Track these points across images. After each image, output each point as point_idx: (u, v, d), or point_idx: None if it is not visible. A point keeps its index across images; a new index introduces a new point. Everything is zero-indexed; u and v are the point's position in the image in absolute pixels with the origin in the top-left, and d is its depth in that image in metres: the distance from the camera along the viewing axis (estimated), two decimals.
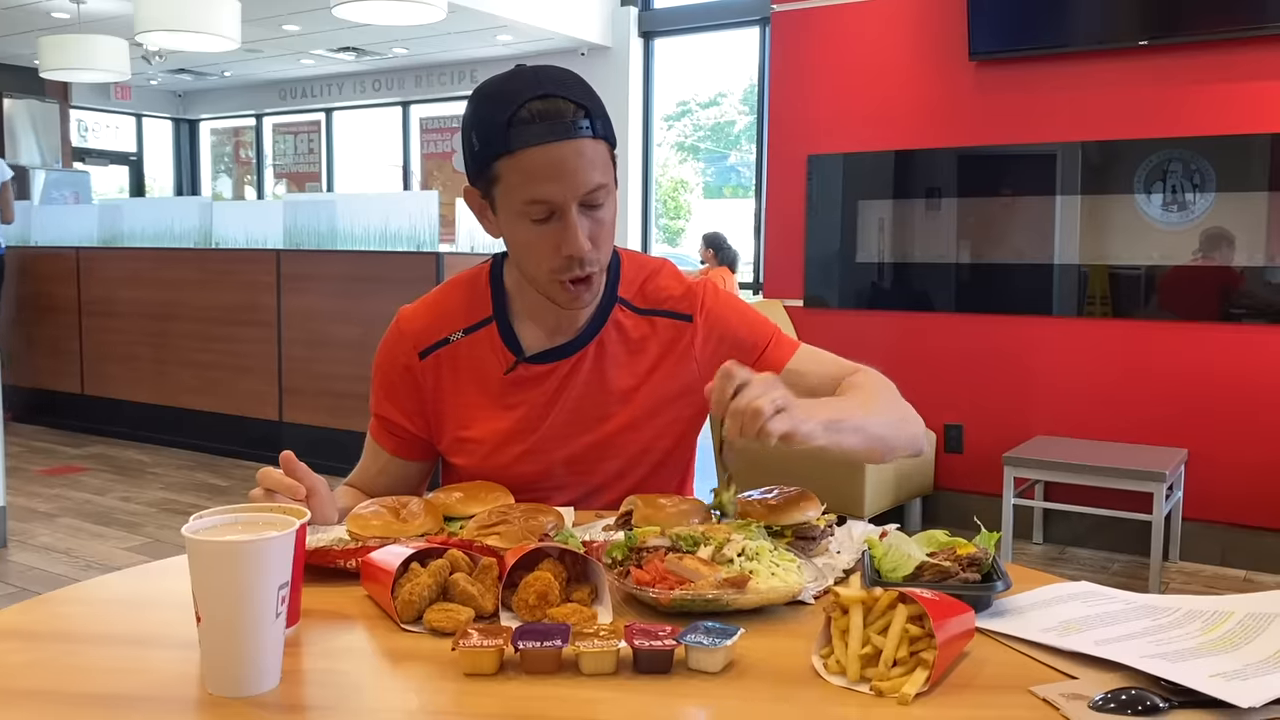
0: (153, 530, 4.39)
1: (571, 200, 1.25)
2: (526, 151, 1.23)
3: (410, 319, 1.45)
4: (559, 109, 1.24)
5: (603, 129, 1.28)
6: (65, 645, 0.97)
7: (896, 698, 0.83)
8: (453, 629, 0.94)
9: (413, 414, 1.44)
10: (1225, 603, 1.01)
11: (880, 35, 4.52)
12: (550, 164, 1.23)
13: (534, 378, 1.40)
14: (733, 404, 1.14)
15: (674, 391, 1.42)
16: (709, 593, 0.99)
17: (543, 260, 1.30)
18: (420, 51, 10.41)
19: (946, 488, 4.45)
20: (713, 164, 11.83)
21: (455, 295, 1.46)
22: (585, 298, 1.34)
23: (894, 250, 4.56)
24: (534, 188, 1.24)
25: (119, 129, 13.33)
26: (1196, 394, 3.98)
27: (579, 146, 1.24)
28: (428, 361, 1.42)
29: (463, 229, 5.51)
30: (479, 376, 1.41)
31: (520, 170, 1.24)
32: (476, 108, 1.29)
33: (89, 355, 6.54)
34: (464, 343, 1.42)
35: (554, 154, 1.23)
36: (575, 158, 1.24)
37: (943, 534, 1.11)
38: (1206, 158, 3.91)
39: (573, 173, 1.24)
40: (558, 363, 1.40)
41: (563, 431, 1.40)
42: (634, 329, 1.42)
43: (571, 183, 1.24)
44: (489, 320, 1.42)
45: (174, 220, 6.35)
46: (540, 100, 1.23)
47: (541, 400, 1.40)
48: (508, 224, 1.31)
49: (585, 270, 1.30)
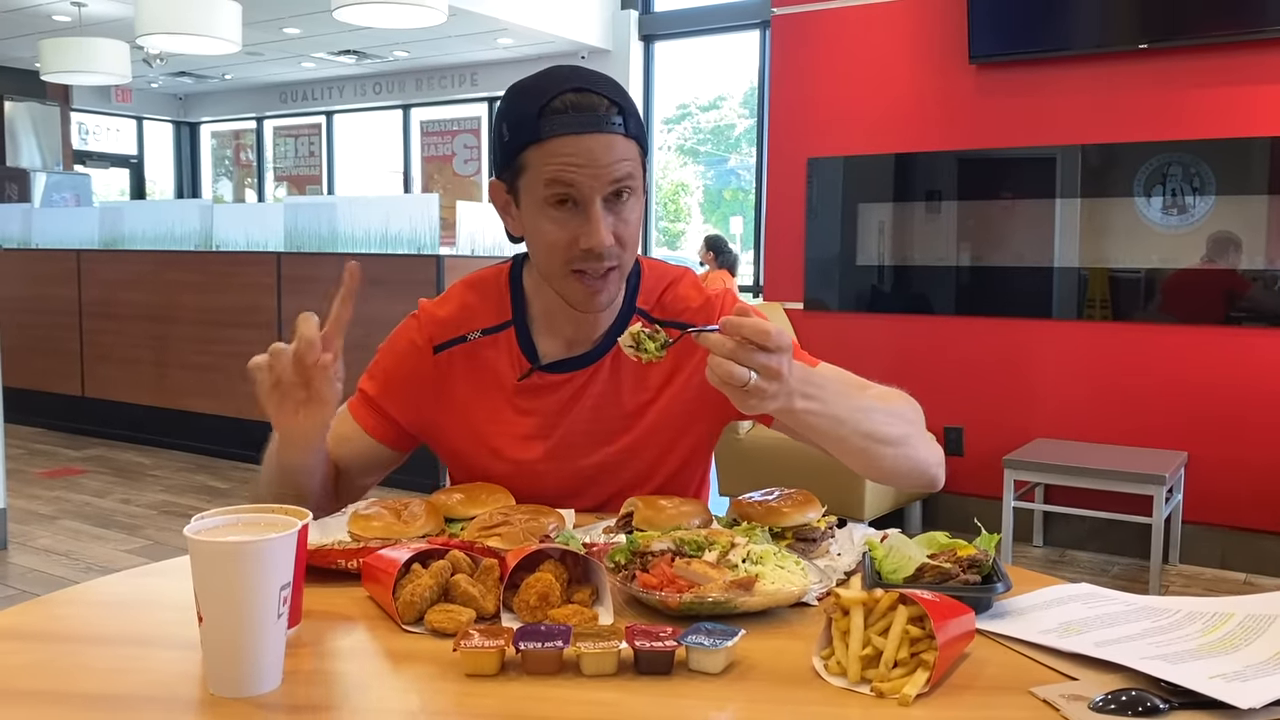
0: (152, 532, 4.39)
1: (596, 191, 1.23)
2: (555, 140, 1.22)
3: (431, 311, 1.42)
4: (591, 102, 1.23)
5: (635, 129, 1.26)
6: (65, 646, 0.97)
7: (897, 699, 0.83)
8: (454, 630, 0.95)
9: (408, 407, 1.41)
10: (1225, 604, 1.01)
11: (880, 38, 4.53)
12: (578, 152, 1.22)
13: (548, 386, 1.37)
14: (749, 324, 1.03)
15: (690, 404, 1.38)
16: (717, 595, 0.99)
17: (559, 253, 1.26)
18: (421, 55, 10.42)
19: (947, 490, 4.41)
20: (713, 167, 11.85)
21: (476, 294, 1.42)
22: (601, 299, 1.30)
23: (894, 253, 4.56)
24: (559, 174, 1.22)
25: (120, 132, 13.35)
26: (1196, 397, 3.98)
27: (609, 140, 1.23)
28: (441, 357, 1.39)
29: (463, 232, 5.52)
30: (492, 380, 1.38)
31: (547, 157, 1.23)
32: (509, 101, 1.28)
33: (89, 357, 6.54)
34: (481, 343, 1.39)
35: (583, 143, 1.22)
36: (604, 150, 1.22)
37: (943, 536, 1.12)
38: (1206, 161, 3.92)
39: (600, 163, 1.22)
40: (573, 373, 1.37)
41: (578, 442, 1.37)
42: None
43: (597, 172, 1.22)
44: (508, 324, 1.39)
45: (174, 223, 6.35)
46: (574, 93, 1.23)
47: (555, 410, 1.37)
48: (529, 217, 1.28)
49: (603, 265, 1.26)
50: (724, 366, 1.03)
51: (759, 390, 1.05)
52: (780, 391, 1.06)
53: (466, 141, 10.93)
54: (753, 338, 1.02)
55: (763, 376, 1.04)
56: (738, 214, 10.78)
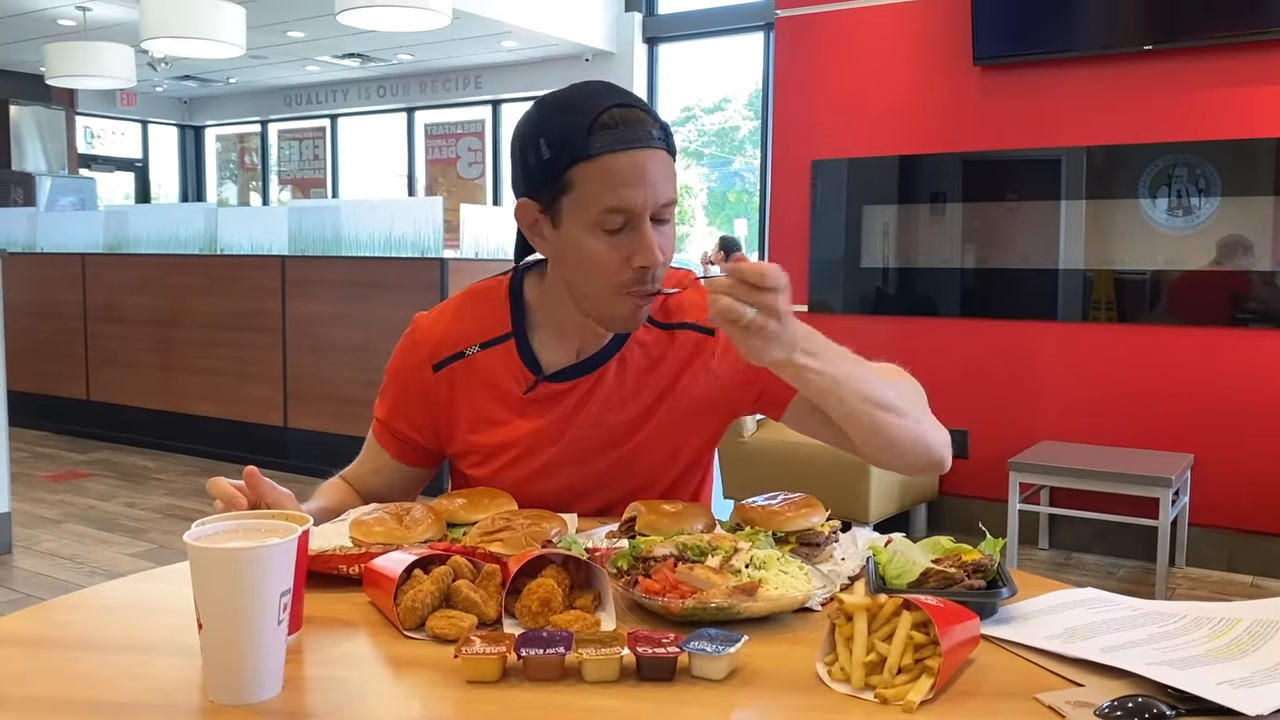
0: (157, 536, 4.40)
1: (649, 208, 1.23)
2: (610, 156, 1.21)
3: (427, 330, 1.43)
4: (640, 118, 1.23)
5: (672, 146, 1.27)
6: (67, 652, 0.97)
7: (901, 705, 0.83)
8: (455, 636, 0.94)
9: (421, 426, 1.43)
10: (1232, 609, 1.00)
11: (884, 40, 4.52)
12: (634, 167, 1.21)
13: (553, 395, 1.38)
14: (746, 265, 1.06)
15: (693, 406, 1.39)
16: (720, 600, 0.99)
17: (609, 273, 1.25)
18: (425, 58, 10.44)
19: (951, 493, 4.45)
20: (717, 169, 11.85)
21: (473, 307, 1.43)
22: (643, 314, 1.30)
23: (899, 255, 4.56)
24: (615, 193, 1.21)
25: (125, 135, 13.39)
26: (1202, 399, 3.97)
27: (658, 156, 1.23)
28: (441, 374, 1.40)
29: (467, 235, 5.52)
30: (496, 393, 1.39)
31: (600, 174, 1.21)
32: (547, 116, 1.26)
33: (94, 361, 6.55)
34: (480, 357, 1.39)
35: (638, 159, 1.21)
36: (655, 167, 1.23)
37: (948, 540, 1.11)
38: (1212, 162, 3.91)
39: (653, 181, 1.22)
40: (578, 380, 1.37)
41: (583, 447, 1.38)
42: (655, 345, 1.39)
43: (652, 190, 1.22)
44: (507, 337, 1.39)
45: (179, 226, 6.37)
46: (620, 109, 1.22)
47: (560, 416, 1.38)
48: (573, 236, 1.26)
49: (655, 285, 1.26)
50: (722, 302, 1.06)
51: (759, 329, 1.07)
52: (780, 334, 1.08)
53: (470, 145, 10.95)
54: (750, 278, 1.05)
55: (761, 313, 1.06)
56: (742, 216, 10.79)
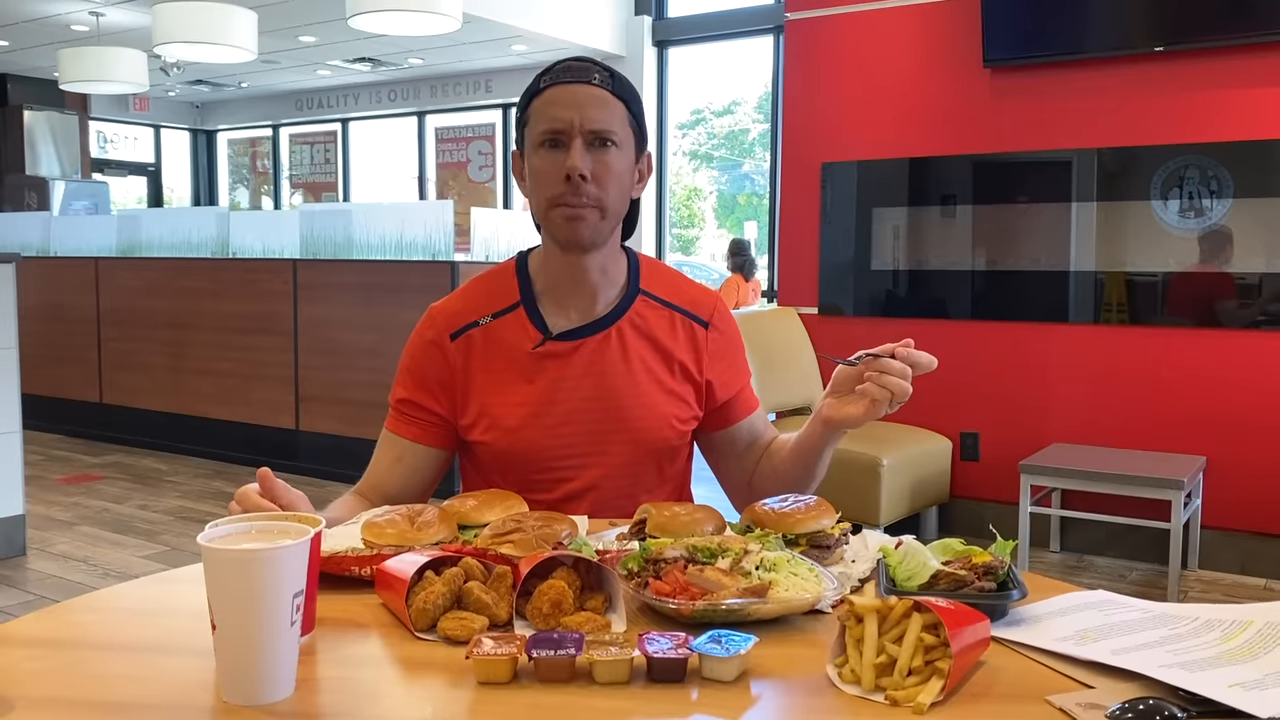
0: (170, 538, 4.42)
1: (578, 128, 1.39)
2: (551, 89, 1.42)
3: (441, 309, 1.54)
4: (584, 65, 1.44)
5: (623, 92, 1.44)
6: (81, 653, 0.98)
7: (911, 707, 0.83)
8: (466, 637, 0.94)
9: (439, 392, 1.49)
10: (1244, 611, 1.00)
11: (894, 43, 4.52)
12: (569, 94, 1.41)
13: (560, 354, 1.48)
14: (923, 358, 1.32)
15: (684, 388, 1.52)
16: (731, 602, 0.99)
17: (546, 186, 1.41)
18: (435, 62, 10.46)
19: (962, 496, 4.43)
20: (727, 172, 11.84)
21: (483, 285, 1.55)
22: (581, 229, 1.42)
23: (909, 257, 4.55)
24: (550, 113, 1.41)
25: (137, 140, 13.45)
26: (1214, 401, 3.95)
27: (594, 90, 1.42)
28: (458, 342, 1.50)
29: (478, 238, 5.53)
30: (508, 355, 1.48)
31: (542, 104, 1.42)
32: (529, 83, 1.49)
33: (107, 364, 6.59)
34: (493, 325, 1.50)
35: (571, 89, 1.42)
36: (587, 95, 1.41)
37: (958, 542, 1.11)
38: (1223, 164, 3.89)
39: (582, 105, 1.40)
40: (583, 340, 1.48)
41: (583, 407, 1.47)
42: (656, 320, 1.52)
43: (579, 112, 1.39)
44: (516, 305, 1.51)
45: (191, 230, 6.39)
46: (574, 60, 1.45)
47: (566, 374, 1.47)
48: (530, 162, 1.44)
49: (581, 197, 1.39)
50: (905, 386, 1.29)
51: (897, 402, 1.32)
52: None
53: (481, 148, 10.97)
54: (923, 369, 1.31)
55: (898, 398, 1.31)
56: (752, 219, 10.77)
